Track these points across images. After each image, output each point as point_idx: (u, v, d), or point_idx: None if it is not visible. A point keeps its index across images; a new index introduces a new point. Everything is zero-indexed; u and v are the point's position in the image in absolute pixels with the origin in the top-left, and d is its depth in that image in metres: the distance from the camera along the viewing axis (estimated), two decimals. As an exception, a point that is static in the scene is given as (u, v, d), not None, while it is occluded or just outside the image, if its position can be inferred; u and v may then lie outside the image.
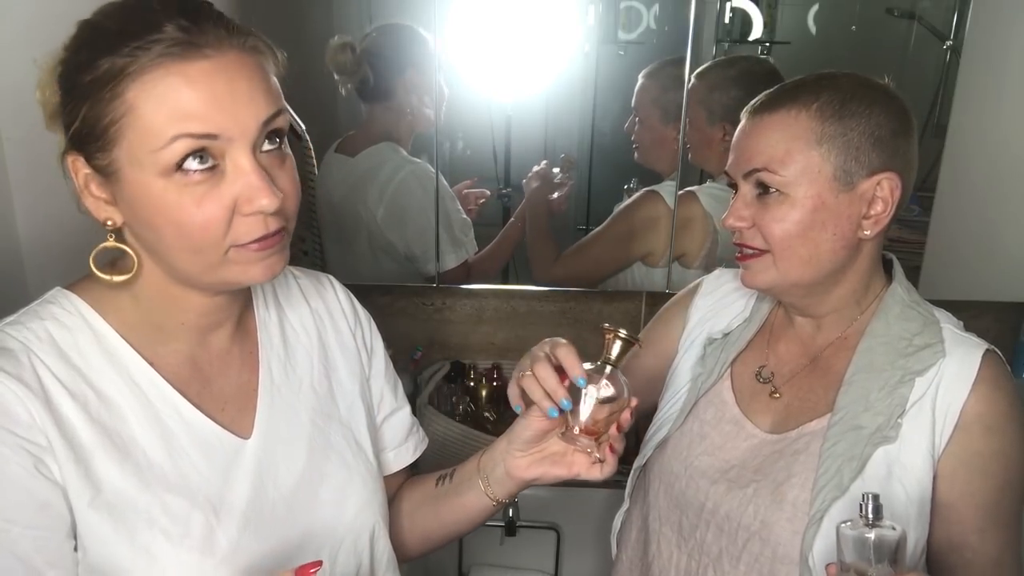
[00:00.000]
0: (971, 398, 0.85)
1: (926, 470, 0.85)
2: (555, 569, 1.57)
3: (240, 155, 0.66)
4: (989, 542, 0.86)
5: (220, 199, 0.65)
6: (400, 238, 1.65)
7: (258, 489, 0.77)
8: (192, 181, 0.64)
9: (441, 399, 1.67)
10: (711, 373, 1.02)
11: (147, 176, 0.64)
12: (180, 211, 0.65)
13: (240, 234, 0.67)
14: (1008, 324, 1.78)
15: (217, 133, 0.64)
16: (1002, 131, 1.60)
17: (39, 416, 0.67)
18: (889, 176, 0.85)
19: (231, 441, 0.77)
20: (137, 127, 0.63)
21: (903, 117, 0.87)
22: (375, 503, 0.87)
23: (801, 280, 0.89)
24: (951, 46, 1.56)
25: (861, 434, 0.86)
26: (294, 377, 0.85)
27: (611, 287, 1.72)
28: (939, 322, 0.91)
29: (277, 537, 0.77)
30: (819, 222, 0.86)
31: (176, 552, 0.70)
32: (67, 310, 0.73)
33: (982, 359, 0.86)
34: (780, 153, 0.86)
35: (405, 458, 0.99)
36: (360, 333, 0.94)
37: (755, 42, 1.61)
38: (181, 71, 0.63)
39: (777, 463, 0.91)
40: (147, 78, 0.63)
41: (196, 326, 0.77)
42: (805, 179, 0.85)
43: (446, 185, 1.63)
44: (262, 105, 0.67)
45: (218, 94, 0.64)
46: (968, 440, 0.85)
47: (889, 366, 0.88)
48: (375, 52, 1.56)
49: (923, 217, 1.61)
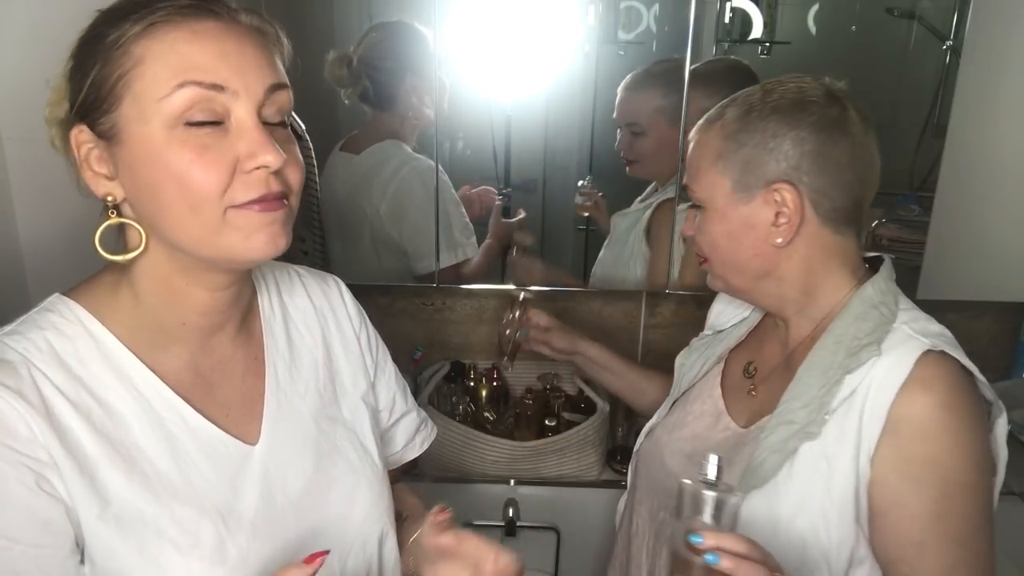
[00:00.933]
0: (899, 400, 0.81)
1: (851, 471, 0.83)
2: (555, 569, 1.57)
3: (245, 112, 0.66)
4: (930, 558, 0.81)
5: (223, 154, 0.65)
6: (400, 235, 1.65)
7: (266, 496, 0.76)
8: (196, 135, 0.64)
9: (441, 399, 1.67)
10: (693, 366, 1.10)
11: (151, 128, 0.64)
12: (181, 163, 0.64)
13: (238, 193, 0.66)
14: (1008, 324, 1.78)
15: (223, 84, 0.64)
16: (1002, 131, 1.60)
17: (40, 431, 0.65)
18: (783, 187, 0.87)
19: (237, 448, 0.76)
20: (145, 77, 0.64)
21: (818, 124, 0.86)
22: (382, 505, 0.86)
23: (738, 285, 0.96)
24: (951, 46, 1.56)
25: (791, 429, 0.87)
26: (299, 381, 0.84)
27: (621, 283, 1.72)
28: (893, 323, 0.87)
29: (286, 543, 0.76)
30: (729, 233, 0.91)
31: (186, 562, 0.69)
32: (66, 318, 0.71)
33: (918, 360, 0.81)
34: (694, 169, 0.94)
35: (412, 453, 1.01)
36: (365, 336, 0.94)
37: (755, 42, 1.61)
38: (190, 27, 0.65)
39: (739, 454, 0.94)
40: (156, 33, 0.64)
41: (197, 327, 0.75)
42: (711, 194, 0.92)
43: (449, 186, 1.63)
44: (268, 72, 0.68)
45: (227, 50, 0.65)
46: (898, 444, 0.81)
47: (835, 365, 0.87)
48: (373, 63, 1.56)
49: (923, 217, 1.61)
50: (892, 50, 1.62)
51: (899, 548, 0.82)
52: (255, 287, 0.85)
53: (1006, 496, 1.47)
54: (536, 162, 1.68)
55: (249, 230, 0.67)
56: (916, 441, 0.80)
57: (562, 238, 1.75)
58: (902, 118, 1.63)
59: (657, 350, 1.79)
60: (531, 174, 1.70)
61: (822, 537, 0.84)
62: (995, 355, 1.80)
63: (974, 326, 1.79)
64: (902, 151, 1.63)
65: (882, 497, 0.82)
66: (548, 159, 1.69)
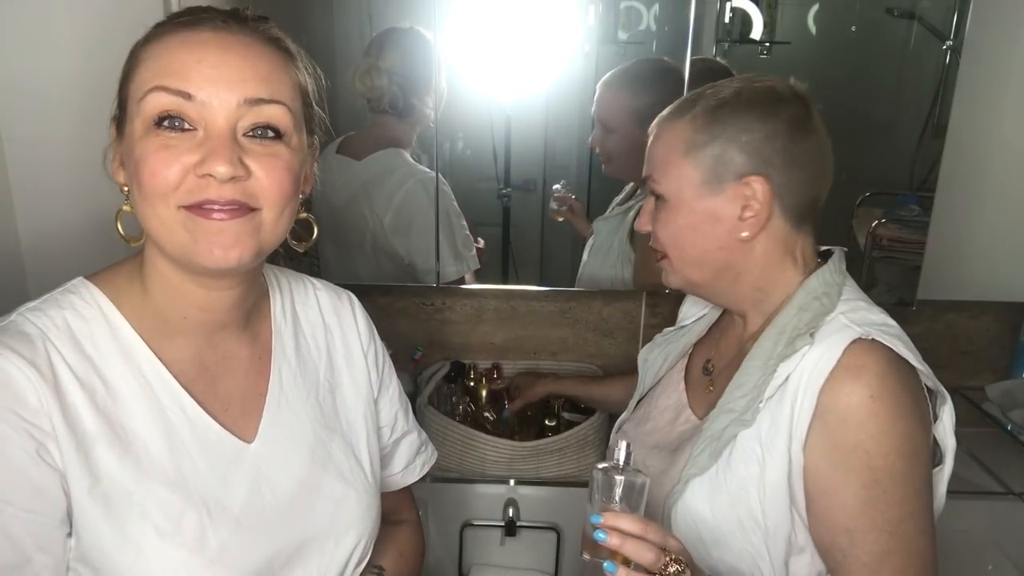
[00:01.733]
0: (826, 387, 0.82)
1: (783, 458, 0.84)
2: (555, 569, 1.57)
3: (213, 122, 0.68)
4: (860, 546, 0.81)
5: (180, 155, 0.68)
6: (404, 247, 1.65)
7: (254, 494, 0.77)
8: (163, 136, 0.68)
9: (441, 399, 1.67)
10: (654, 362, 1.13)
11: (134, 127, 0.69)
12: (143, 158, 0.68)
13: (184, 192, 0.68)
14: (1008, 324, 1.78)
15: (191, 93, 0.68)
16: (1002, 131, 1.61)
17: (47, 402, 0.68)
18: (756, 179, 0.88)
19: (232, 443, 0.78)
20: (135, 79, 0.70)
21: (789, 120, 0.88)
22: (368, 519, 0.87)
23: (697, 280, 0.96)
24: (951, 46, 1.55)
25: (730, 417, 0.89)
26: (302, 388, 0.85)
27: (609, 287, 1.71)
28: (830, 313, 0.88)
29: (268, 543, 0.77)
30: (693, 226, 0.91)
31: (165, 548, 0.71)
32: (86, 301, 0.75)
33: (847, 348, 0.82)
34: (659, 161, 0.93)
35: (411, 476, 1.02)
36: (373, 354, 0.95)
37: (755, 42, 1.60)
38: (183, 37, 0.69)
39: (684, 444, 0.97)
40: (157, 41, 0.70)
41: (199, 322, 0.77)
42: (678, 186, 0.91)
43: (451, 197, 1.63)
44: (251, 84, 0.69)
45: (206, 60, 0.68)
46: (826, 431, 0.82)
47: (773, 355, 0.89)
48: (402, 72, 1.56)
49: (923, 217, 1.61)
50: (892, 50, 1.62)
51: (831, 535, 0.83)
52: (268, 290, 0.87)
53: (1006, 497, 1.48)
54: (536, 162, 1.68)
55: (197, 234, 0.69)
56: (842, 428, 0.81)
57: (562, 238, 1.74)
58: (902, 118, 1.63)
59: (657, 350, 1.79)
60: (531, 174, 1.70)
61: (760, 523, 0.86)
62: (995, 355, 1.80)
63: (974, 326, 1.79)
64: (902, 151, 1.63)
65: (814, 484, 0.83)
66: (548, 159, 1.69)
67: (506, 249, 1.74)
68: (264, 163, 0.70)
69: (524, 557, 1.57)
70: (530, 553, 1.57)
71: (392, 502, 0.99)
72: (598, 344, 1.80)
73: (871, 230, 1.64)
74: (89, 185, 1.27)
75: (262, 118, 0.70)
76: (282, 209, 0.73)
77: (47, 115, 1.26)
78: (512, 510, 1.52)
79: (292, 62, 0.75)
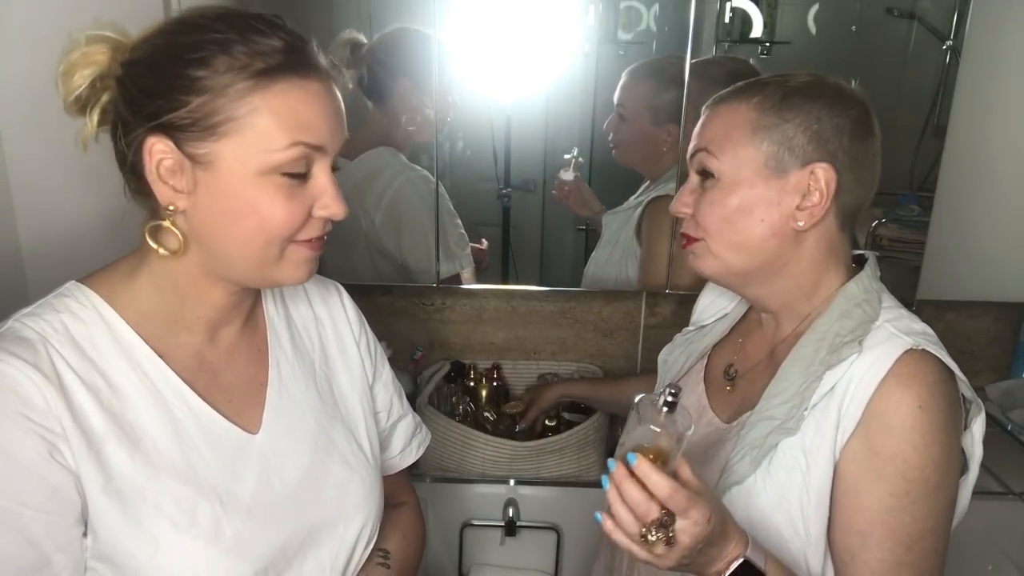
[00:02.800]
0: (876, 395, 0.81)
1: (827, 467, 0.84)
2: (555, 569, 1.57)
3: (324, 167, 0.74)
4: (872, 552, 0.81)
5: (303, 201, 0.73)
6: (395, 246, 1.65)
7: (264, 483, 0.79)
8: (288, 183, 0.71)
9: (441, 399, 1.67)
10: (675, 362, 1.09)
11: (247, 171, 0.70)
12: (270, 206, 0.71)
13: (303, 232, 0.74)
14: (1008, 324, 1.78)
15: (323, 146, 0.72)
16: (1002, 131, 1.60)
17: (54, 403, 0.68)
18: (824, 167, 0.86)
19: (238, 435, 0.79)
20: (258, 127, 0.69)
21: (857, 118, 0.87)
22: (372, 501, 0.89)
23: (736, 267, 0.91)
24: (951, 46, 1.55)
25: (771, 424, 0.87)
26: (300, 378, 0.87)
27: (614, 284, 1.72)
28: (875, 321, 0.88)
29: (280, 531, 0.79)
30: (747, 208, 0.88)
31: (181, 540, 0.72)
32: (82, 303, 0.75)
33: (899, 357, 0.82)
34: (720, 138, 0.89)
35: (409, 458, 1.05)
36: (364, 342, 0.97)
37: (755, 42, 1.61)
38: (303, 86, 0.70)
39: (720, 450, 0.94)
40: (273, 87, 0.69)
41: (210, 320, 0.79)
42: (738, 165, 0.88)
43: (446, 197, 1.63)
44: (345, 126, 0.75)
45: (327, 111, 0.72)
46: (867, 437, 0.81)
47: (816, 361, 0.87)
48: (375, 55, 1.56)
49: (923, 217, 1.61)
50: (892, 50, 1.62)
51: (844, 535, 0.83)
52: None
53: (1006, 497, 1.48)
54: (536, 162, 1.68)
55: (300, 262, 0.76)
56: (885, 435, 0.81)
57: (562, 238, 1.75)
58: (902, 118, 1.63)
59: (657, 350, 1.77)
60: (531, 174, 1.70)
61: (800, 532, 0.85)
62: (995, 355, 1.80)
63: (974, 326, 1.79)
64: (902, 151, 1.63)
65: (841, 485, 0.83)
66: (548, 159, 1.69)
67: (506, 249, 1.74)
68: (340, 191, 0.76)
69: (524, 557, 1.57)
70: (530, 553, 1.57)
71: (391, 486, 1.00)
72: (598, 344, 1.80)
73: (871, 230, 1.64)
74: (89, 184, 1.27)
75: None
76: None
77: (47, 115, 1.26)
78: (512, 510, 1.52)
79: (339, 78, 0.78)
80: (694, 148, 0.92)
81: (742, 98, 0.89)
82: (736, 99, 0.90)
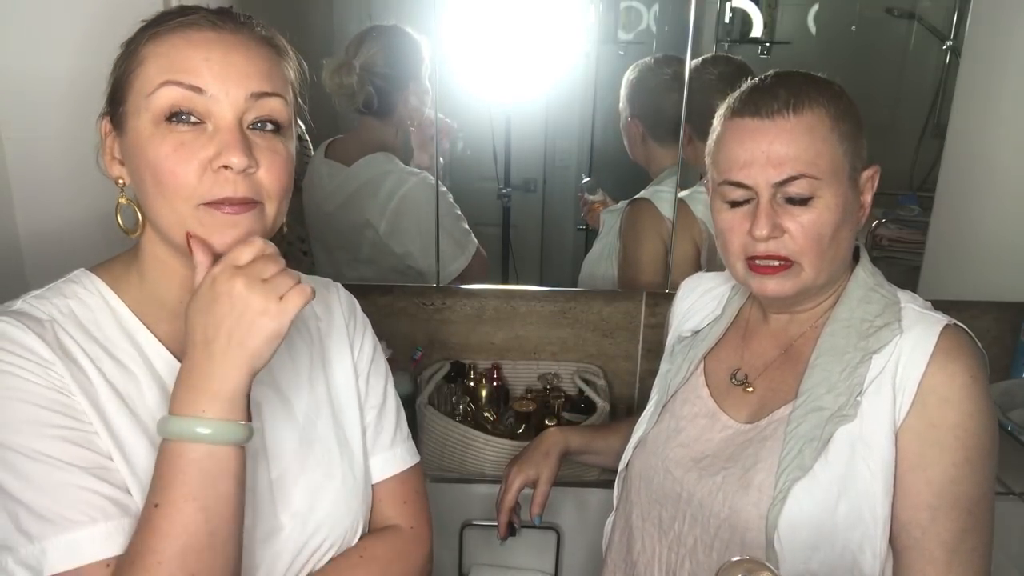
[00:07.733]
0: (928, 371, 0.85)
1: (888, 447, 0.85)
2: (555, 569, 1.57)
3: (223, 116, 0.71)
4: (941, 523, 0.83)
5: (196, 152, 0.71)
6: (403, 251, 1.64)
7: (251, 470, 0.78)
8: (176, 131, 0.71)
9: (441, 399, 1.67)
10: (679, 370, 1.07)
11: (141, 122, 0.72)
12: (158, 156, 0.71)
13: (206, 190, 0.71)
14: (1008, 324, 1.78)
15: (202, 88, 0.71)
16: (1002, 131, 1.60)
17: (60, 371, 0.71)
18: (876, 168, 0.90)
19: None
20: (141, 76, 0.72)
21: None
22: (353, 500, 0.87)
23: (821, 281, 0.91)
24: (951, 46, 1.56)
25: (822, 415, 0.88)
26: (292, 372, 0.87)
27: (601, 284, 1.71)
28: (899, 303, 0.91)
29: (261, 518, 0.79)
30: (842, 220, 0.88)
31: None
32: (88, 289, 0.78)
33: (940, 333, 0.86)
34: (813, 156, 0.85)
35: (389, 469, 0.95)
36: (360, 342, 0.95)
37: (755, 42, 1.61)
38: (187, 35, 0.72)
39: (747, 451, 0.93)
40: (160, 39, 0.72)
41: None
42: (834, 179, 0.86)
43: (448, 195, 1.62)
44: (254, 79, 0.73)
45: (212, 57, 0.71)
46: (925, 412, 0.84)
47: (851, 348, 0.89)
48: (376, 70, 1.54)
49: (923, 217, 1.61)
50: (892, 50, 1.62)
51: (914, 511, 0.85)
52: None
53: (1006, 496, 1.47)
54: (536, 162, 1.68)
55: (211, 227, 0.72)
56: (943, 407, 0.84)
57: (562, 238, 1.75)
58: (902, 118, 1.63)
59: (657, 350, 1.78)
60: (531, 174, 1.70)
61: (865, 518, 0.85)
62: (995, 355, 1.79)
63: (974, 326, 1.76)
64: (902, 151, 1.63)
65: (905, 462, 0.85)
66: (548, 159, 1.69)
67: (506, 249, 1.74)
68: (266, 157, 0.74)
69: (524, 557, 1.57)
70: (530, 553, 1.57)
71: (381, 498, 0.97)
72: (598, 344, 1.80)
73: (871, 230, 1.64)
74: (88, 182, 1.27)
75: (265, 111, 0.74)
76: (280, 202, 0.77)
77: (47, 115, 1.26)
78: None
79: (284, 58, 0.78)
80: (785, 174, 0.85)
81: (816, 105, 0.85)
82: (811, 107, 0.85)
